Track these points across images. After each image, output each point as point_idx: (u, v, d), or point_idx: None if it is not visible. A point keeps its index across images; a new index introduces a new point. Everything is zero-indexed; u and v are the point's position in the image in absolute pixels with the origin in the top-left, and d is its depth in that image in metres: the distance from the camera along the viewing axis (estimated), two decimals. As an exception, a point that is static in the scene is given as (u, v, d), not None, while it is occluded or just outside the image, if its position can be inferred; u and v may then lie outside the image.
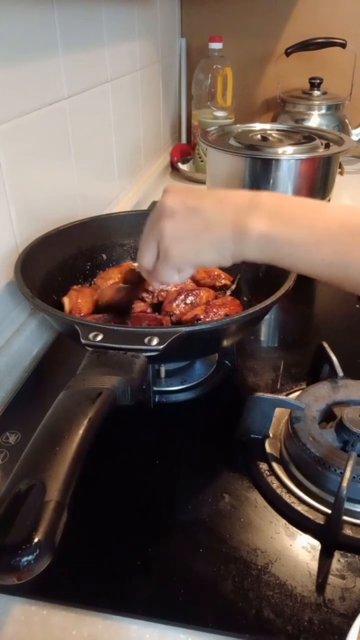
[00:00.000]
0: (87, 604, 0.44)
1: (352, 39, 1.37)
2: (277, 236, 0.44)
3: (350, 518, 0.49)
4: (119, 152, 1.09)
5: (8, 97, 0.65)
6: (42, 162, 0.76)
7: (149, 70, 1.27)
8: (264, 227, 0.45)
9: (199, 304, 0.69)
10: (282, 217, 0.45)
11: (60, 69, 0.78)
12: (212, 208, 0.48)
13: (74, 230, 0.74)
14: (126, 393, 0.44)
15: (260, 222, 0.45)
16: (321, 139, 0.98)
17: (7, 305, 0.70)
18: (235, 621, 0.42)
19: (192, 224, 0.48)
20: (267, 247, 0.45)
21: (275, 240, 0.44)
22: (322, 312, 0.91)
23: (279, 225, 0.44)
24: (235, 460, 0.57)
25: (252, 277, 0.74)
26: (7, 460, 0.57)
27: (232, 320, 0.55)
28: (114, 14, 0.98)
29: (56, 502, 0.33)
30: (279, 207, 0.46)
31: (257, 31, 1.51)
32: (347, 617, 0.42)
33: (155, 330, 0.51)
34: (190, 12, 1.54)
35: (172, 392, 0.67)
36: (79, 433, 0.37)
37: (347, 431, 0.52)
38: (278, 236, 0.44)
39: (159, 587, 0.45)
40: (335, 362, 0.61)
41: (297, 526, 0.50)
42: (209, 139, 1.00)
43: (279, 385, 0.69)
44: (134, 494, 0.54)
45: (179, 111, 1.64)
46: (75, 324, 0.51)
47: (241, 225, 0.45)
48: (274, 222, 0.45)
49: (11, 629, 0.43)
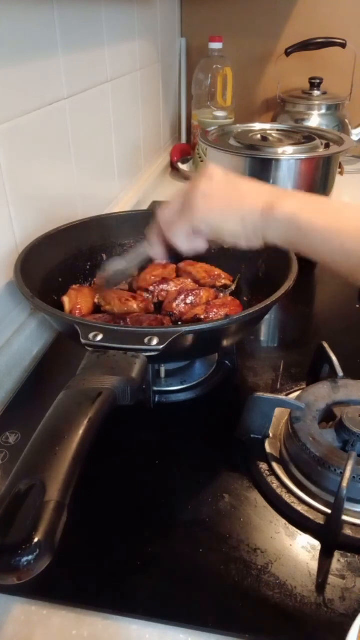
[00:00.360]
0: (87, 604, 0.44)
1: (352, 39, 1.37)
2: (303, 219, 0.47)
3: (350, 518, 0.49)
4: (119, 152, 1.09)
5: (8, 97, 0.65)
6: (42, 162, 0.76)
7: (149, 70, 1.27)
8: (292, 210, 0.47)
9: (199, 304, 0.70)
10: (310, 205, 0.48)
11: (60, 69, 0.78)
12: (249, 185, 0.51)
13: (74, 230, 0.74)
14: (126, 393, 0.44)
15: (290, 205, 0.48)
16: (321, 139, 0.98)
17: (7, 305, 0.70)
18: (235, 621, 0.43)
19: (227, 190, 0.51)
20: (291, 229, 0.47)
21: (300, 222, 0.47)
22: (322, 312, 0.91)
23: (306, 210, 0.47)
24: (235, 460, 0.57)
25: (252, 277, 0.74)
26: (7, 460, 0.57)
27: (232, 320, 0.55)
28: (114, 14, 0.98)
29: (56, 502, 0.33)
30: (309, 197, 0.49)
31: (257, 31, 1.51)
32: (347, 617, 0.42)
33: (155, 330, 0.51)
34: (190, 12, 1.54)
35: (172, 392, 0.67)
36: (79, 433, 0.37)
37: (347, 431, 0.52)
38: (304, 219, 0.47)
39: (159, 587, 0.45)
40: (335, 362, 0.61)
41: (297, 526, 0.50)
42: (209, 139, 1.00)
43: (279, 385, 0.69)
44: (134, 494, 0.54)
45: (179, 111, 1.64)
46: (75, 324, 0.51)
47: (273, 203, 0.48)
48: (302, 207, 0.47)
49: (11, 629, 0.43)
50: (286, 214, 0.47)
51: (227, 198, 0.50)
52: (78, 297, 0.69)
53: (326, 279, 1.00)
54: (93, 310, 0.70)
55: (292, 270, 0.61)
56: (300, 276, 0.61)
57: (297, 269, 0.61)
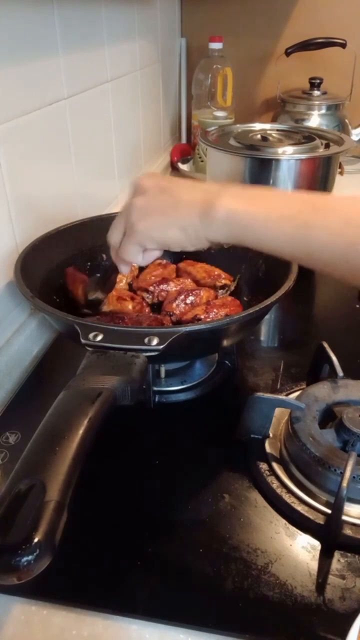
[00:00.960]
0: (87, 604, 0.44)
1: (352, 39, 1.37)
2: (241, 212, 0.46)
3: (350, 518, 0.49)
4: (119, 152, 1.09)
5: (8, 97, 0.65)
6: (42, 162, 0.76)
7: (149, 70, 1.27)
8: (230, 205, 0.47)
9: (199, 304, 0.69)
10: (247, 197, 0.48)
11: (60, 69, 0.78)
12: (183, 190, 0.51)
13: (74, 230, 0.74)
14: (126, 393, 0.44)
15: (227, 201, 0.47)
16: (321, 139, 0.98)
17: (7, 305, 0.70)
18: (235, 621, 0.43)
19: (162, 201, 0.50)
20: (232, 225, 0.47)
21: (240, 216, 0.46)
22: (322, 312, 0.91)
23: (243, 203, 0.47)
24: (235, 460, 0.57)
25: (252, 277, 0.74)
26: (7, 460, 0.57)
27: (232, 320, 0.55)
28: (114, 14, 0.98)
29: (56, 502, 0.33)
30: (245, 190, 0.49)
31: (257, 31, 1.51)
32: (347, 617, 0.42)
33: (155, 330, 0.51)
34: (190, 12, 1.54)
35: (172, 392, 0.67)
36: (79, 433, 0.37)
37: (347, 431, 0.52)
38: (243, 212, 0.46)
39: (159, 587, 0.45)
40: (335, 362, 0.61)
41: (297, 526, 0.50)
42: (209, 139, 1.00)
43: (279, 385, 0.69)
44: (134, 493, 0.54)
45: (179, 111, 1.64)
46: (75, 324, 0.51)
47: (209, 203, 0.47)
48: (239, 201, 0.47)
49: (11, 629, 0.43)
50: (224, 211, 0.47)
51: (163, 209, 0.50)
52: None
53: (326, 279, 0.99)
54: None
55: (292, 270, 0.61)
56: (300, 276, 0.61)
57: (297, 269, 0.61)
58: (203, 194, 0.49)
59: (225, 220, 0.47)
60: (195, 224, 0.48)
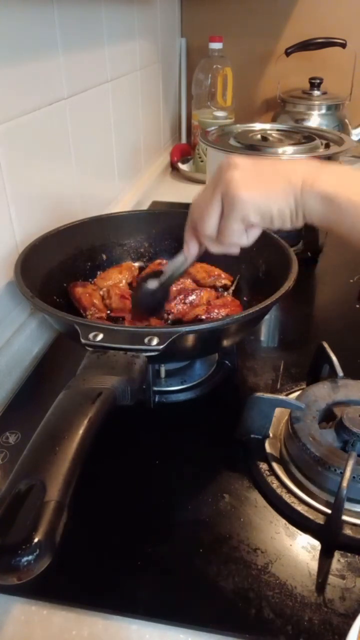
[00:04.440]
0: (87, 604, 0.44)
1: (352, 39, 1.37)
2: (341, 196, 0.45)
3: (350, 518, 0.49)
4: (119, 152, 1.09)
5: (8, 97, 0.65)
6: (42, 162, 0.76)
7: (149, 70, 1.27)
8: (330, 187, 0.45)
9: (199, 304, 0.70)
10: (349, 180, 0.46)
11: (60, 69, 0.78)
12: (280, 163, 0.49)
13: (74, 230, 0.74)
14: (126, 393, 0.44)
15: (328, 180, 0.45)
16: (321, 139, 0.98)
17: (7, 305, 0.70)
18: (235, 621, 0.43)
19: (261, 171, 0.48)
20: (329, 206, 0.45)
21: (339, 199, 0.45)
22: (322, 312, 0.91)
23: (345, 186, 0.45)
24: (235, 460, 0.57)
25: (252, 277, 0.74)
26: (7, 460, 0.57)
27: (232, 320, 0.55)
28: (114, 14, 0.98)
29: (56, 502, 0.33)
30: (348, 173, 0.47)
31: (257, 31, 1.51)
32: (347, 617, 0.42)
33: (155, 330, 0.51)
34: (190, 12, 1.54)
35: (172, 392, 0.67)
36: (79, 433, 0.37)
37: (347, 431, 0.52)
38: (343, 196, 0.45)
39: (159, 587, 0.45)
40: (335, 362, 0.61)
41: (297, 526, 0.50)
42: (209, 139, 1.00)
43: (279, 385, 0.69)
44: (134, 493, 0.54)
45: (179, 111, 1.64)
46: (75, 324, 0.51)
47: (309, 179, 0.46)
48: (341, 183, 0.45)
49: (11, 629, 0.43)
50: (326, 192, 0.45)
51: (265, 178, 0.47)
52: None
53: (326, 279, 1.00)
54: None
55: (292, 270, 0.61)
56: (300, 276, 0.61)
57: (297, 269, 0.61)
58: (305, 169, 0.47)
59: (323, 201, 0.45)
60: (297, 198, 0.46)
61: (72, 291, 0.70)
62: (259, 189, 0.47)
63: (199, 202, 0.51)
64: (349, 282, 0.95)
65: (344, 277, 0.96)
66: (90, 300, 0.69)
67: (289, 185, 0.46)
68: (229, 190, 0.47)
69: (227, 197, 0.47)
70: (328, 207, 0.45)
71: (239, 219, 0.47)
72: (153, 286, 0.62)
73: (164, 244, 0.82)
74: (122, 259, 0.81)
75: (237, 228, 0.48)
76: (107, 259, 0.79)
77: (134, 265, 0.80)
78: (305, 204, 0.46)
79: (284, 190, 0.46)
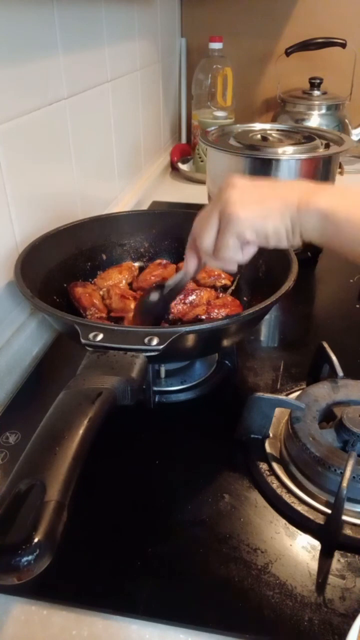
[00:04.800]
0: (87, 604, 0.44)
1: (352, 39, 1.37)
2: (340, 214, 0.45)
3: (350, 518, 0.49)
4: (119, 152, 1.09)
5: (8, 97, 0.65)
6: (43, 162, 0.76)
7: (149, 70, 1.27)
8: (326, 203, 0.46)
9: (200, 304, 0.70)
10: (346, 199, 0.47)
11: (60, 69, 0.78)
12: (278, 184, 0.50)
13: (74, 230, 0.74)
14: (126, 393, 0.44)
15: (326, 200, 0.46)
16: (321, 139, 0.98)
17: (7, 305, 0.70)
18: (235, 621, 0.43)
19: (260, 193, 0.49)
20: (327, 223, 0.46)
21: (337, 218, 0.46)
22: (322, 312, 0.91)
23: (342, 205, 0.46)
24: (235, 460, 0.57)
25: (252, 277, 0.74)
26: (7, 460, 0.57)
27: (232, 320, 0.55)
28: (114, 14, 0.98)
29: (56, 502, 0.33)
30: (344, 191, 0.48)
31: (257, 31, 1.51)
32: (347, 617, 0.42)
33: (155, 330, 0.51)
34: (190, 12, 1.54)
35: (172, 392, 0.67)
36: (79, 433, 0.37)
37: (347, 431, 0.52)
38: (341, 214, 0.45)
39: (159, 587, 0.45)
40: (335, 362, 0.61)
41: (297, 526, 0.50)
42: (209, 139, 1.00)
43: (279, 385, 0.69)
44: (134, 494, 0.54)
45: (179, 111, 1.64)
46: (75, 324, 0.51)
47: (307, 199, 0.47)
48: (339, 202, 0.46)
49: (11, 629, 0.43)
50: (322, 209, 0.46)
51: (262, 199, 0.49)
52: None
53: (326, 279, 1.00)
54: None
55: (292, 270, 0.61)
56: (300, 276, 0.61)
57: (297, 269, 0.61)
58: (301, 189, 0.48)
59: (322, 219, 0.46)
60: (293, 216, 0.47)
61: (72, 291, 0.70)
62: (255, 208, 0.49)
63: (199, 219, 0.53)
64: (349, 282, 0.95)
65: (344, 277, 0.96)
66: (90, 300, 0.69)
67: (285, 204, 0.48)
68: (227, 208, 0.49)
69: (224, 214, 0.49)
70: (325, 223, 0.46)
71: (234, 234, 0.49)
72: (154, 299, 0.63)
73: (164, 244, 0.82)
74: (122, 259, 0.81)
75: (233, 244, 0.50)
76: (107, 259, 0.79)
77: (134, 265, 0.80)
78: (302, 222, 0.47)
79: (280, 210, 0.48)
